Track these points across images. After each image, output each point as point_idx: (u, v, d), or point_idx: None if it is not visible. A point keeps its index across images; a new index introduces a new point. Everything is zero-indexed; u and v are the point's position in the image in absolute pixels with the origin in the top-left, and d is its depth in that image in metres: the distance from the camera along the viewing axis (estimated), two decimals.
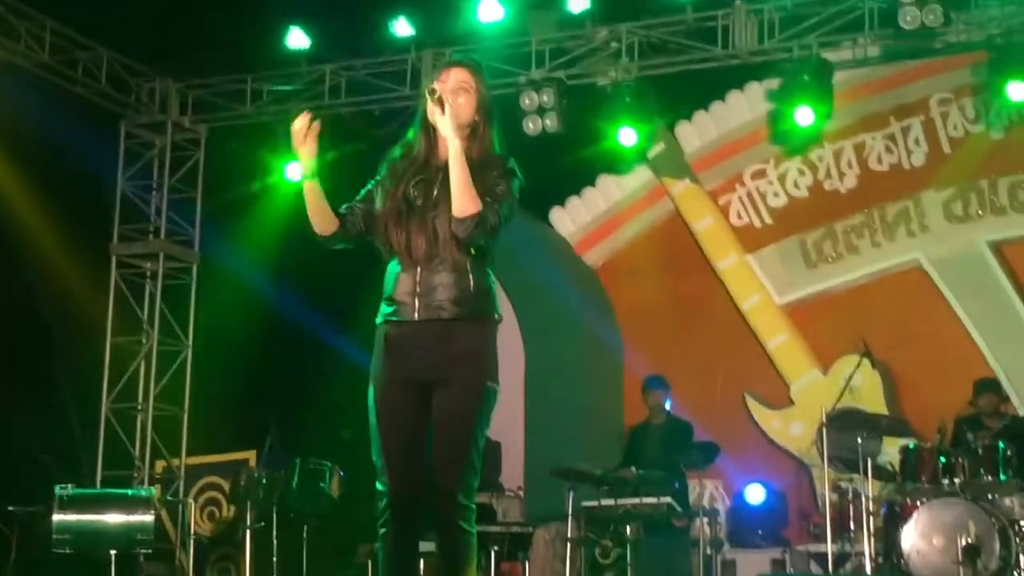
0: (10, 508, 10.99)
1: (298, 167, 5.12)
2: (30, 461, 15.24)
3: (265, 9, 13.10)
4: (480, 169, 4.96)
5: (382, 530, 5.04)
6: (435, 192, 4.97)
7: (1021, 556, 9.69)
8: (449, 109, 4.92)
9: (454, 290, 4.97)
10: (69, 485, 11.09)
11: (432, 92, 4.94)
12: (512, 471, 12.85)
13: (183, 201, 14.11)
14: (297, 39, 13.15)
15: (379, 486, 5.04)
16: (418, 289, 4.99)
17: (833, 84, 12.09)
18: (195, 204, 14.13)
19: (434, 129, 5.00)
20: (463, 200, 4.86)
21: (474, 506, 5.06)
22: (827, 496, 10.63)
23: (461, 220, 4.85)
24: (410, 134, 5.17)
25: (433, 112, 4.93)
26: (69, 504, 10.74)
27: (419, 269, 4.99)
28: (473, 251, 4.95)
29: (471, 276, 4.99)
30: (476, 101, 5.09)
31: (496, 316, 5.09)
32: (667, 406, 11.36)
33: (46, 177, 13.52)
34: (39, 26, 12.70)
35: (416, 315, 4.98)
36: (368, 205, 5.17)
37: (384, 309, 5.08)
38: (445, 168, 4.91)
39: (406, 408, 5.04)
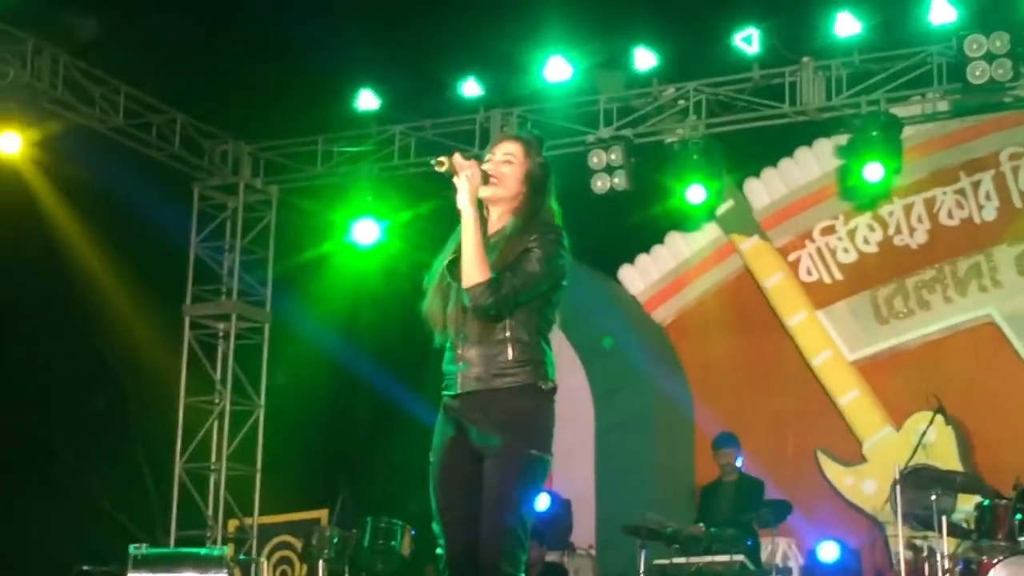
0: (85, 568, 11.06)
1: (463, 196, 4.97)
2: (105, 520, 15.37)
3: (335, 71, 13.22)
4: (515, 237, 4.97)
5: None
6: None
7: None
8: (466, 179, 4.92)
9: (494, 363, 4.96)
10: (143, 544, 11.15)
11: (440, 163, 4.98)
12: (583, 529, 12.80)
13: (254, 262, 14.21)
14: (367, 101, 13.25)
15: (438, 551, 5.04)
16: (459, 363, 5.00)
17: (902, 139, 12.06)
18: (266, 264, 14.22)
19: (481, 203, 4.99)
20: (469, 269, 4.85)
21: (514, 572, 4.96)
22: (902, 554, 10.49)
23: (468, 289, 4.85)
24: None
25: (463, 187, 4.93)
26: (143, 563, 10.79)
27: (458, 342, 5.02)
28: (501, 323, 4.94)
29: (510, 347, 4.96)
30: (522, 174, 5.08)
31: (544, 385, 5.01)
32: (738, 463, 11.31)
33: (121, 239, 13.69)
34: (113, 91, 12.85)
35: (460, 388, 4.99)
36: None
37: (443, 384, 5.10)
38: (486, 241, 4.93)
39: (459, 476, 5.02)
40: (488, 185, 4.98)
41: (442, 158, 4.97)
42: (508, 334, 4.95)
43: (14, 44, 11.87)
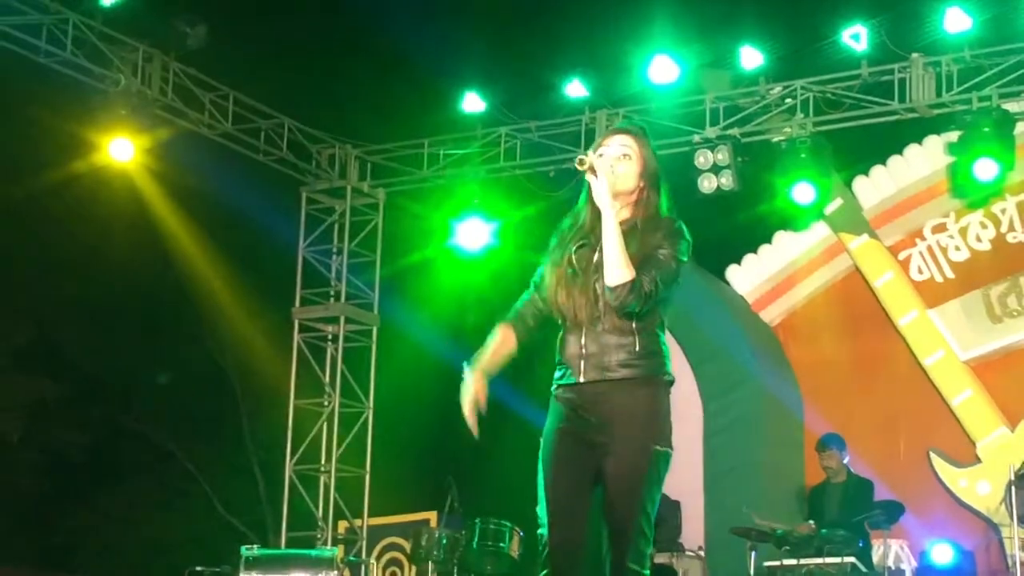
0: (198, 568, 11.17)
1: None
2: (218, 522, 15.54)
3: (441, 74, 13.28)
4: (644, 233, 4.93)
5: None
6: (596, 256, 4.92)
7: None
8: (605, 176, 4.88)
9: (619, 352, 4.91)
10: (255, 545, 11.26)
11: (581, 162, 4.91)
12: (692, 531, 12.74)
13: (362, 265, 14.31)
14: (473, 103, 13.30)
15: (541, 531, 4.97)
16: (584, 351, 4.94)
17: (1015, 135, 11.92)
18: (374, 267, 14.31)
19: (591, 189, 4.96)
20: (613, 269, 4.81)
21: (647, 573, 4.92)
22: (1018, 556, 10.35)
23: (612, 289, 4.81)
24: (579, 202, 5.13)
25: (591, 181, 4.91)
26: (255, 564, 10.89)
27: (584, 332, 4.95)
28: (634, 316, 4.89)
29: (636, 337, 4.91)
30: (640, 167, 5.03)
31: (666, 377, 4.98)
32: (845, 463, 11.21)
33: (230, 243, 13.86)
34: (222, 97, 13.01)
35: (582, 377, 4.93)
36: (531, 301, 5.23)
37: (556, 374, 5.04)
38: None
39: (571, 464, 4.96)
40: (600, 182, 4.90)
41: (583, 156, 4.92)
42: (635, 325, 4.90)
43: (125, 52, 12.06)
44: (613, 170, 4.93)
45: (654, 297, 4.86)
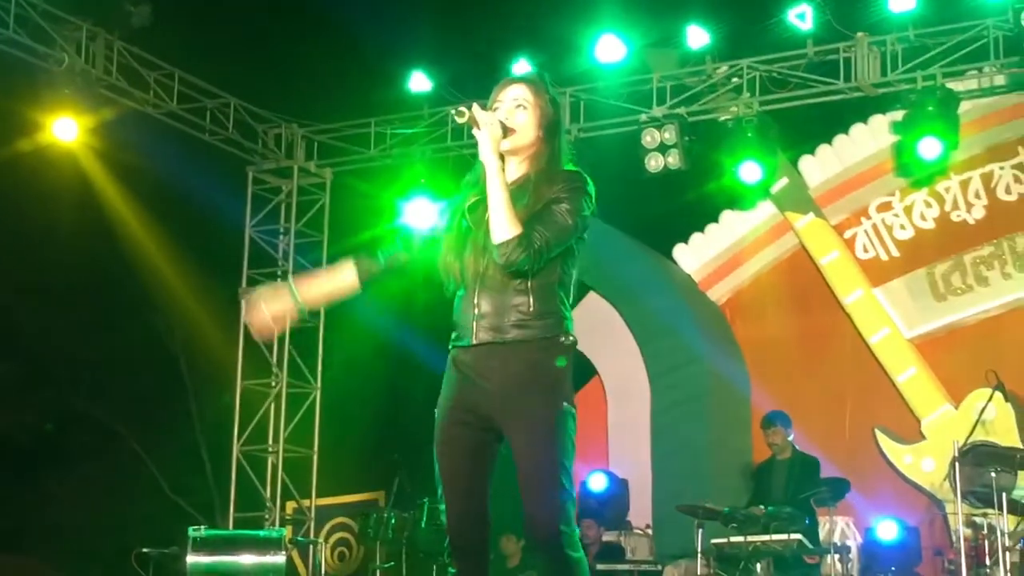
0: (144, 550, 11.12)
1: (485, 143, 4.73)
2: (165, 503, 15.48)
3: (387, 53, 13.24)
4: (538, 187, 4.72)
5: (449, 567, 4.88)
6: (488, 214, 4.68)
7: None
8: (487, 129, 4.65)
9: (513, 313, 4.69)
10: (202, 527, 11.22)
11: (461, 114, 4.69)
12: (640, 509, 12.78)
13: (309, 244, 14.28)
14: (419, 83, 13.26)
15: (440, 515, 4.87)
16: (476, 311, 4.73)
17: (959, 114, 11.97)
18: (321, 247, 14.28)
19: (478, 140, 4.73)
20: (498, 225, 4.58)
21: (575, 531, 4.77)
22: (961, 532, 10.40)
23: (498, 246, 4.58)
24: (476, 165, 4.87)
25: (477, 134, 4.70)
26: (203, 545, 10.84)
27: (476, 291, 4.74)
28: (527, 274, 4.66)
29: (531, 297, 4.68)
30: (537, 117, 4.81)
31: (564, 339, 4.74)
32: (790, 440, 11.25)
33: (176, 223, 13.78)
34: (167, 76, 12.92)
35: (474, 339, 4.73)
36: (395, 253, 5.14)
37: (452, 335, 4.86)
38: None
39: (465, 439, 4.80)
40: (506, 136, 4.71)
41: (462, 107, 4.68)
42: (529, 284, 4.68)
43: (69, 31, 11.95)
44: (508, 122, 4.73)
45: (545, 254, 4.63)
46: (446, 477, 4.82)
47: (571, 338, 4.77)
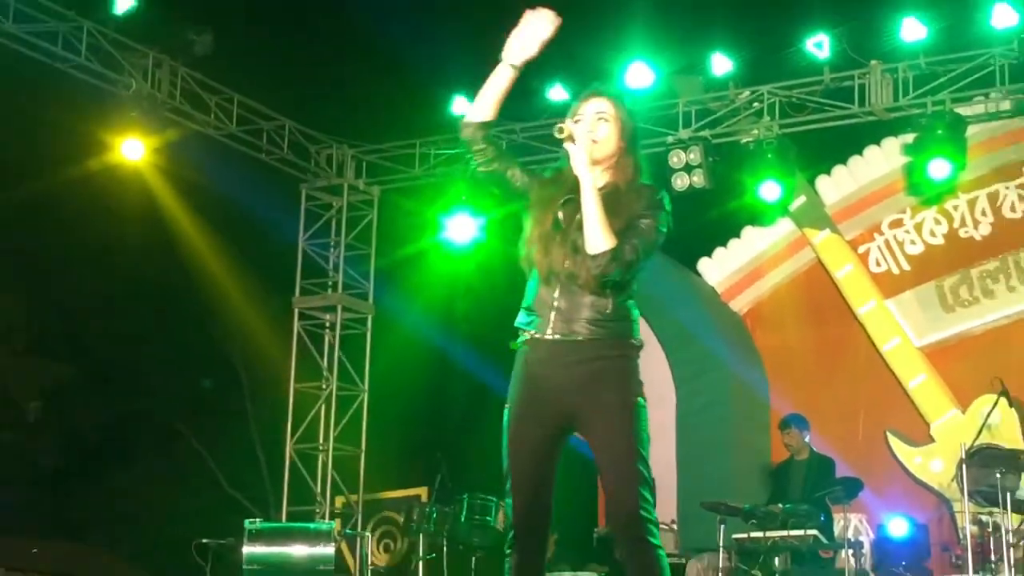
0: (203, 540, 11.16)
1: (515, 51, 4.84)
2: (223, 498, 15.52)
3: (432, 79, 13.25)
4: (626, 200, 4.68)
5: (507, 552, 4.81)
6: (578, 214, 4.65)
7: None
8: (583, 145, 4.63)
9: (592, 311, 4.66)
10: (257, 519, 11.26)
11: (560, 130, 4.66)
12: (665, 505, 12.72)
13: (358, 257, 14.30)
14: (461, 106, 13.27)
15: (507, 501, 4.84)
16: (554, 305, 4.69)
17: (966, 137, 11.93)
18: (369, 259, 14.30)
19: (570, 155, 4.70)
20: (595, 237, 4.55)
21: (656, 519, 4.70)
22: (968, 529, 10.36)
23: (593, 257, 4.55)
24: (561, 162, 4.83)
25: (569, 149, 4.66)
26: (258, 537, 10.88)
27: (557, 286, 4.70)
28: (612, 284, 4.64)
29: (610, 300, 4.65)
30: (618, 129, 4.77)
31: (634, 341, 4.72)
32: (807, 442, 11.22)
33: (234, 237, 13.84)
34: (227, 100, 12.99)
35: (551, 329, 4.67)
36: (516, 170, 4.93)
37: (522, 317, 4.77)
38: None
39: (535, 434, 4.75)
40: (593, 147, 4.69)
41: (562, 124, 4.65)
42: (609, 289, 4.66)
43: (136, 58, 12.03)
44: (592, 135, 4.69)
45: (635, 266, 4.63)
46: (516, 471, 4.78)
47: (640, 340, 4.75)
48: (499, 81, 4.88)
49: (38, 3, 11.17)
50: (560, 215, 4.73)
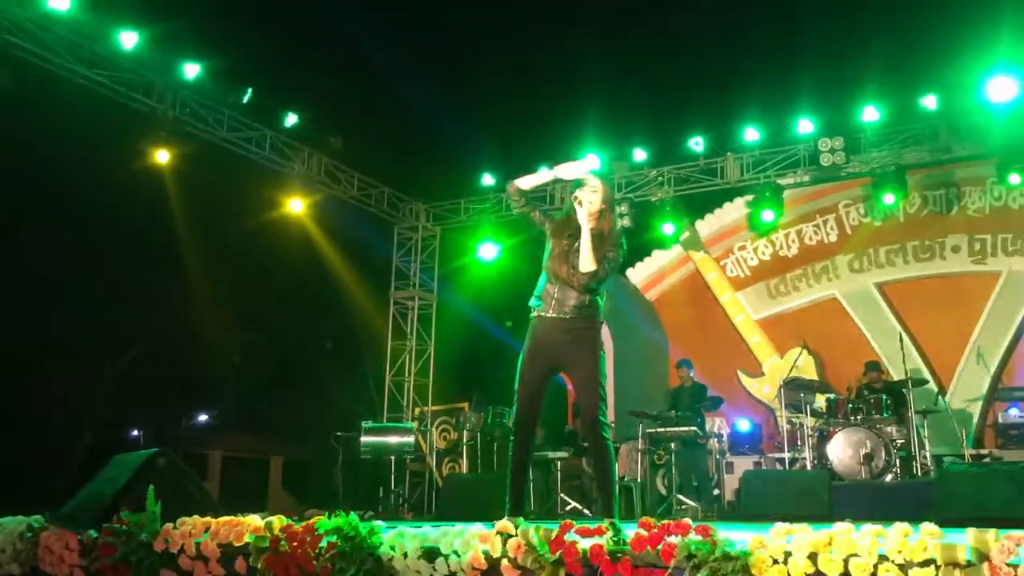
0: (338, 433, 11.23)
1: (563, 171, 4.95)
2: (348, 409, 15.54)
3: (470, 162, 13.31)
4: (605, 240, 4.84)
5: (511, 439, 4.94)
6: (576, 244, 4.85)
7: (896, 460, 9.40)
8: (585, 206, 4.83)
9: (576, 301, 4.83)
10: (369, 421, 11.32)
11: (576, 198, 4.86)
12: (608, 413, 12.76)
13: (426, 268, 14.33)
14: (488, 179, 13.33)
15: (513, 412, 4.94)
16: (555, 295, 4.85)
17: (783, 197, 11.95)
18: (434, 270, 14.33)
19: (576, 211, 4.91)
20: (585, 262, 4.77)
21: (608, 421, 4.86)
22: (784, 426, 10.40)
23: (583, 274, 4.77)
24: (566, 210, 5.02)
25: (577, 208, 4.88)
26: (369, 431, 10.98)
27: (558, 285, 4.87)
28: (590, 287, 4.84)
29: (588, 295, 4.84)
30: (601, 198, 4.92)
31: (599, 319, 4.90)
32: (691, 376, 11.26)
33: (355, 257, 13.87)
34: (351, 176, 13.07)
35: (551, 311, 4.83)
36: (537, 212, 5.05)
37: (534, 301, 4.92)
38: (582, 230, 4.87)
39: (536, 371, 4.88)
40: (589, 207, 4.89)
41: (577, 195, 4.88)
42: (588, 288, 4.85)
43: (296, 152, 12.10)
44: (588, 200, 4.86)
45: (604, 279, 4.83)
46: (521, 392, 4.89)
47: (602, 319, 4.90)
48: (541, 179, 5.08)
49: (240, 119, 11.23)
50: (566, 244, 4.89)
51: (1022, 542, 2.90)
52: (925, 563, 2.93)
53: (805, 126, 11.40)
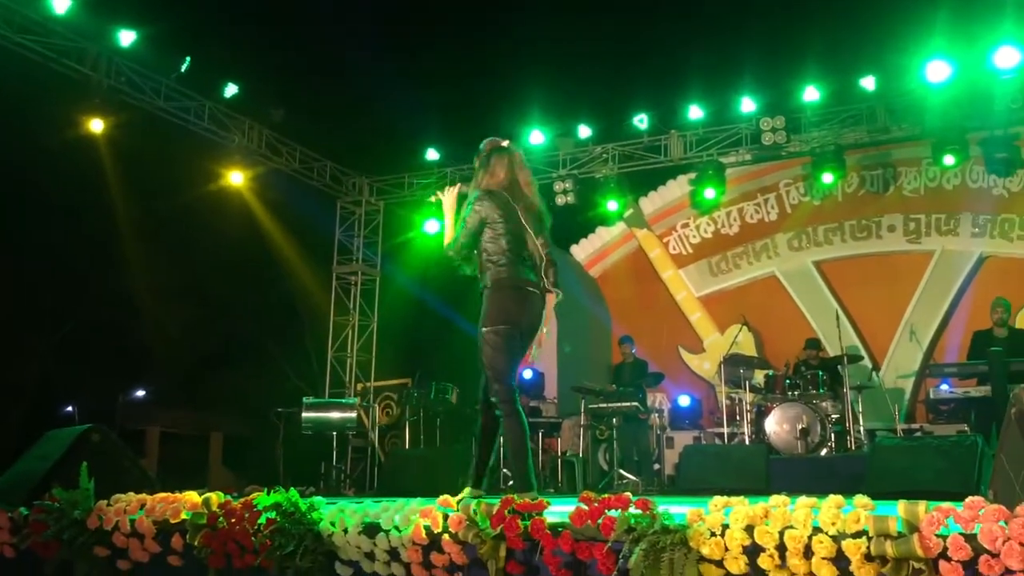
0: (279, 409, 11.10)
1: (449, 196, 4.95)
2: (291, 384, 15.36)
3: (414, 136, 13.18)
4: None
5: (478, 411, 4.85)
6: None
7: (831, 435, 9.57)
8: (445, 199, 5.00)
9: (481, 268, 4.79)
10: (311, 396, 11.20)
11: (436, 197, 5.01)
12: (551, 388, 12.85)
13: (371, 243, 14.20)
14: (432, 154, 13.22)
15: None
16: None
17: (726, 175, 12.03)
18: (377, 245, 14.20)
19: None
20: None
21: (497, 400, 4.66)
22: (723, 402, 10.53)
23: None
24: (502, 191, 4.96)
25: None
26: (311, 407, 10.86)
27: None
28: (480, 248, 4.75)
29: (481, 260, 4.79)
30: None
31: (490, 281, 4.65)
32: (633, 352, 11.32)
33: (297, 231, 13.66)
34: (293, 149, 12.86)
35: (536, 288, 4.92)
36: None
37: (530, 274, 4.90)
38: None
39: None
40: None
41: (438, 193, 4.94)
42: (481, 254, 4.75)
43: (236, 123, 11.85)
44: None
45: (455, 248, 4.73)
46: (513, 363, 4.76)
47: (500, 281, 4.71)
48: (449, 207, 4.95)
49: (178, 89, 10.96)
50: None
51: (951, 514, 2.96)
52: (857, 534, 2.98)
53: (748, 105, 11.48)
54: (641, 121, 12.12)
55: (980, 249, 11.67)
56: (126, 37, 9.92)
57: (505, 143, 4.99)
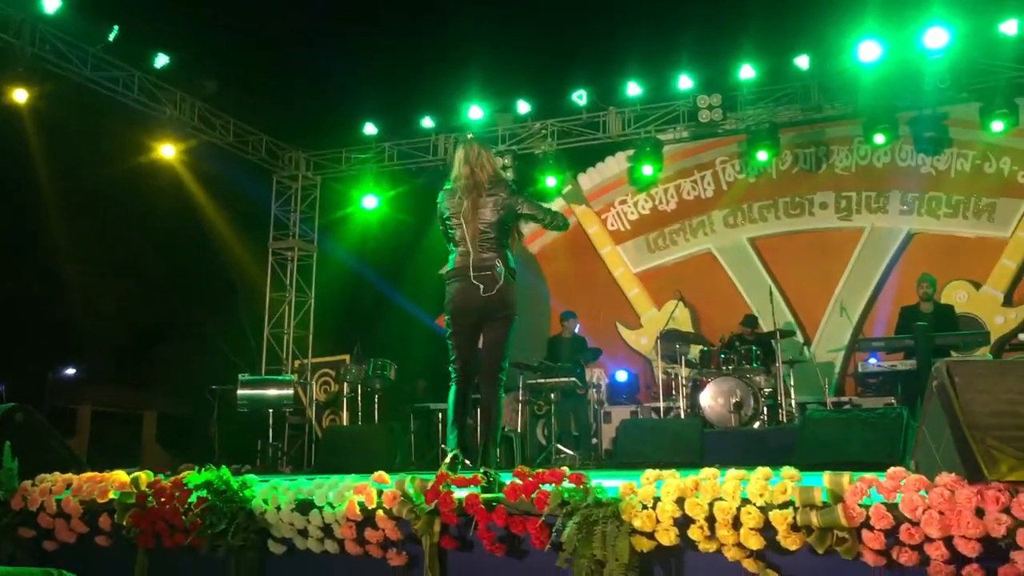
0: (213, 387, 10.93)
1: None
2: (225, 360, 15.14)
3: (354, 113, 13.02)
4: None
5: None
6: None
7: (764, 408, 9.74)
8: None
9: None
10: (247, 373, 11.04)
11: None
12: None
13: (308, 218, 14.03)
14: (370, 129, 13.06)
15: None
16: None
17: (663, 152, 12.10)
18: (314, 220, 14.03)
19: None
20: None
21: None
22: (660, 376, 10.63)
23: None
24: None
25: None
26: (247, 384, 10.72)
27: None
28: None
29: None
30: None
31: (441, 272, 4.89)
32: (575, 328, 11.36)
33: (231, 205, 13.41)
34: (226, 122, 12.61)
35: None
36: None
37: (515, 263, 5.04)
38: None
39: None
40: None
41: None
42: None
43: (167, 95, 11.56)
44: None
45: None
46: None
47: (445, 273, 5.00)
48: None
49: (106, 59, 10.64)
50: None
51: (874, 484, 3.02)
52: (784, 505, 3.03)
53: (685, 82, 11.54)
54: (580, 97, 12.12)
55: (908, 226, 11.93)
56: (51, 3, 9.60)
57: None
